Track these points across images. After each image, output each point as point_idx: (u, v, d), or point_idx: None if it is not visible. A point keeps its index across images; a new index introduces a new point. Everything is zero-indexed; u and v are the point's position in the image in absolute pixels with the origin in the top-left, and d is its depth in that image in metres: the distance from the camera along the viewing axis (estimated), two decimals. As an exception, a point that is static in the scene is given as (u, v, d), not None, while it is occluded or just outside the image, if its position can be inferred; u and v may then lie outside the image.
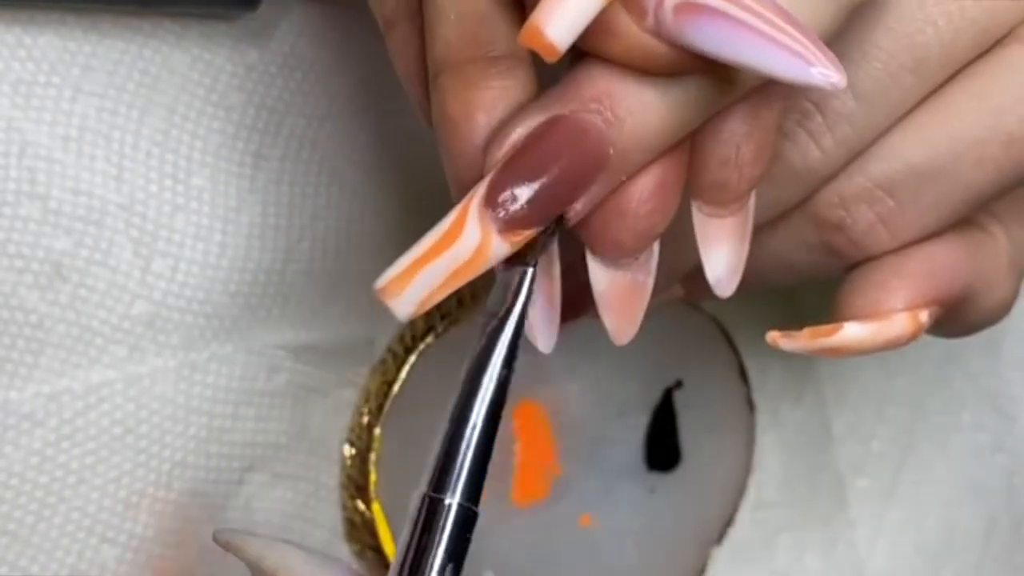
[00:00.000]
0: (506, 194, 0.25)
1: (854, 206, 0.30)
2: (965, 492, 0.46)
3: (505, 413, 0.26)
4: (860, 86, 0.28)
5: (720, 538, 0.44)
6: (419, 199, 0.38)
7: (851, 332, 0.29)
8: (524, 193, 0.25)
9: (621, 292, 0.27)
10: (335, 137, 0.36)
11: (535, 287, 0.26)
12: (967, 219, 0.31)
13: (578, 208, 0.25)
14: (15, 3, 0.31)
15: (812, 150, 0.29)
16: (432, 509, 0.26)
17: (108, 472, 0.34)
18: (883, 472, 0.45)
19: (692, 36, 0.23)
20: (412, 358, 0.39)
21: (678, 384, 0.42)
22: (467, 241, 0.25)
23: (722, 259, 0.27)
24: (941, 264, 0.30)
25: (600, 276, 0.27)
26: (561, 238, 0.27)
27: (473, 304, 0.39)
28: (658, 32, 0.24)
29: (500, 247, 0.25)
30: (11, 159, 0.32)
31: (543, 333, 0.27)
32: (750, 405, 0.44)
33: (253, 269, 0.35)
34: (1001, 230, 0.31)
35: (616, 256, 0.26)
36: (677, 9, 0.23)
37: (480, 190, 0.25)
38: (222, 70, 0.34)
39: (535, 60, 0.26)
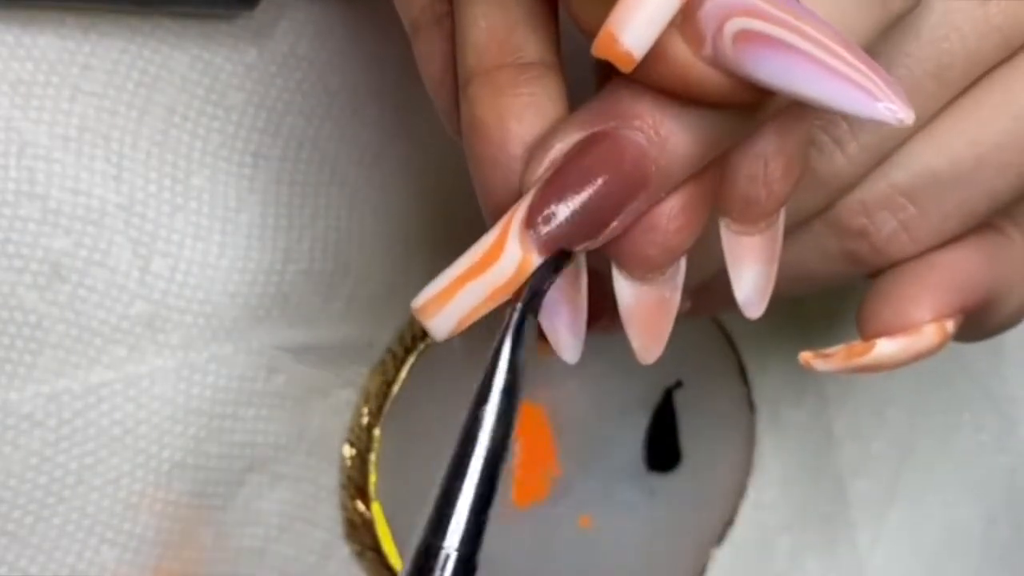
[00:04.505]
0: (547, 213, 0.24)
1: (877, 213, 0.29)
2: (965, 492, 0.46)
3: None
4: None
5: (720, 538, 0.44)
6: (419, 199, 0.38)
7: (884, 348, 0.29)
8: (564, 212, 0.24)
9: (647, 308, 0.26)
10: (335, 137, 0.36)
11: (561, 296, 0.26)
12: (985, 223, 0.31)
13: (615, 226, 0.25)
14: (14, 3, 0.31)
15: (837, 156, 0.28)
16: (430, 555, 0.25)
17: (107, 472, 0.34)
18: (883, 473, 0.45)
19: (753, 67, 0.23)
20: (412, 358, 0.39)
21: (678, 384, 0.42)
22: (507, 261, 0.25)
23: (751, 279, 0.27)
24: (964, 272, 0.30)
25: (626, 291, 0.26)
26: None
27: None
28: (715, 61, 0.23)
29: (539, 265, 0.25)
30: (10, 159, 0.32)
31: (568, 345, 0.27)
32: (750, 405, 0.44)
33: (253, 269, 0.35)
34: (1018, 233, 0.31)
35: (644, 271, 0.26)
36: (737, 37, 0.22)
37: (520, 210, 0.25)
38: (221, 70, 0.34)
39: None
